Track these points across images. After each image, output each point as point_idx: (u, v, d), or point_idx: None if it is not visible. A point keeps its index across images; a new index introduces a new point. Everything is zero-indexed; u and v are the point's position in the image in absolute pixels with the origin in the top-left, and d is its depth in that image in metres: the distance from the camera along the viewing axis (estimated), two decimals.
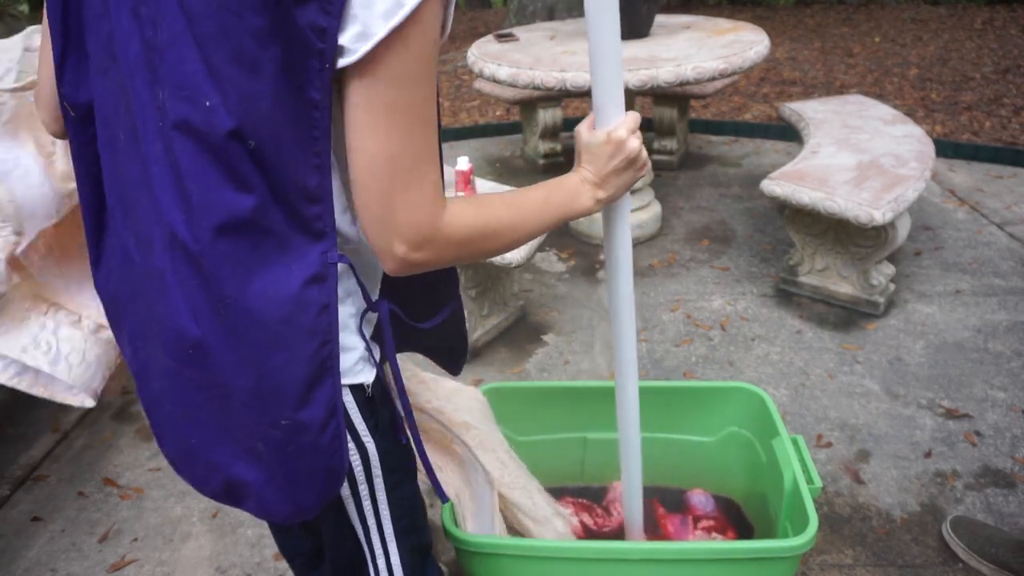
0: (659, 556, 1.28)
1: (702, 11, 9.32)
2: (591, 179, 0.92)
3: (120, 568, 1.84)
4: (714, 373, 2.42)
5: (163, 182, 0.73)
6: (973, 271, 2.92)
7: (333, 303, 0.77)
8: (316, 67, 0.66)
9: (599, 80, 0.92)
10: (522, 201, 0.85)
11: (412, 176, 0.71)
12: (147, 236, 0.77)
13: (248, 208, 0.71)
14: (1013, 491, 1.88)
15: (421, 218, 0.72)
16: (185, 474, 0.89)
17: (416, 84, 0.69)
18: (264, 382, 0.76)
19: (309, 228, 0.74)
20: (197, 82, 0.68)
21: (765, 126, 4.63)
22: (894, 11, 8.59)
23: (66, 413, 2.43)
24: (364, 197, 0.71)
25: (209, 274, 0.73)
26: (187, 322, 0.76)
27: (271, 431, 0.78)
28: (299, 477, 0.81)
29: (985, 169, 3.91)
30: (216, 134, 0.69)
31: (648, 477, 1.75)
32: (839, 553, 1.74)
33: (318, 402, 0.78)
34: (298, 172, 0.71)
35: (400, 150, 0.69)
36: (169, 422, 0.86)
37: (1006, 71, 5.69)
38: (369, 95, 0.67)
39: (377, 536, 0.95)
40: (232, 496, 0.86)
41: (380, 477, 0.91)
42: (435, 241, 0.74)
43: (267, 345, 0.75)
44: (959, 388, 2.27)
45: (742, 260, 3.13)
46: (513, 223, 0.83)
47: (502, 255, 2.24)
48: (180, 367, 0.80)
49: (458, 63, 7.37)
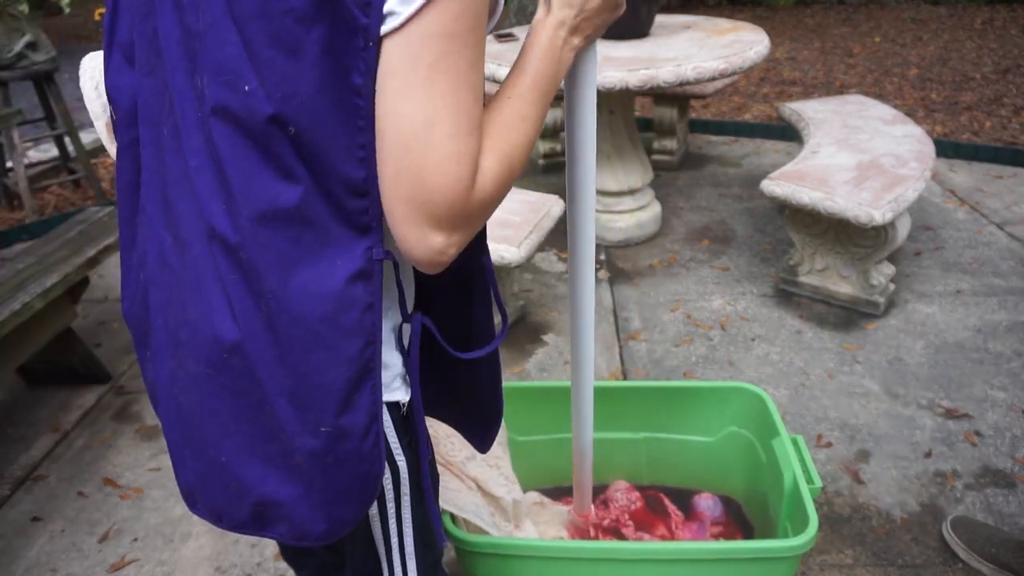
0: (659, 556, 1.28)
1: (702, 11, 9.32)
2: (568, 23, 0.79)
3: (120, 568, 1.84)
4: (714, 373, 2.41)
5: (203, 174, 0.70)
6: (973, 271, 2.92)
7: (378, 302, 0.73)
8: (360, 46, 0.63)
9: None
10: (518, 107, 0.75)
11: (450, 149, 0.65)
12: (185, 236, 0.74)
13: (292, 198, 0.68)
14: (1013, 491, 1.88)
15: (458, 195, 0.66)
16: (204, 505, 0.83)
17: (464, 45, 0.64)
18: (303, 385, 0.72)
19: (354, 222, 0.70)
20: (236, 66, 0.65)
21: (765, 126, 4.63)
22: (894, 11, 8.59)
23: (66, 413, 2.43)
24: (394, 180, 0.66)
25: (249, 267, 0.70)
26: (225, 322, 0.72)
27: (310, 440, 0.74)
28: (338, 489, 0.77)
29: (985, 169, 3.91)
30: (255, 120, 0.66)
31: (648, 477, 1.76)
32: (839, 553, 1.74)
33: (360, 407, 0.74)
34: (343, 163, 0.67)
35: (439, 116, 0.64)
36: (194, 439, 0.80)
37: (1006, 71, 5.69)
38: (410, 56, 0.63)
39: (398, 553, 0.92)
40: (260, 520, 0.80)
41: (408, 496, 0.89)
42: (471, 217, 0.69)
43: (308, 345, 0.71)
44: (959, 388, 2.27)
45: (742, 260, 3.13)
46: (524, 137, 0.75)
47: (502, 256, 2.25)
48: (214, 373, 0.75)
49: None
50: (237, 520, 0.81)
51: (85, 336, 2.78)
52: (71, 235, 2.54)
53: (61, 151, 4.38)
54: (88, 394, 2.52)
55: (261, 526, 0.81)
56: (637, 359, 2.49)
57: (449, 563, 1.75)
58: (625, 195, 3.25)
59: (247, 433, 0.76)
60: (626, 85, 2.53)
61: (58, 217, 4.01)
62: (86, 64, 1.04)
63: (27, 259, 2.37)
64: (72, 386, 2.56)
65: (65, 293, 2.35)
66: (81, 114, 6.48)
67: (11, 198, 4.26)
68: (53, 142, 4.55)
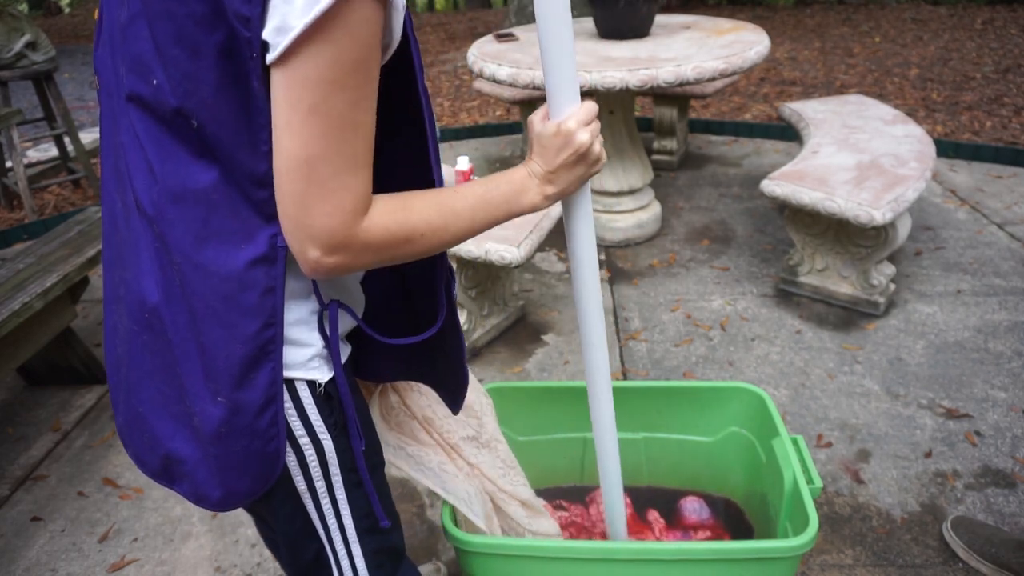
0: (659, 556, 1.28)
1: (702, 11, 9.32)
2: (539, 173, 0.88)
3: (120, 568, 1.84)
4: (714, 373, 2.41)
5: (130, 150, 0.76)
6: (973, 271, 2.92)
7: (280, 287, 0.76)
8: (249, 55, 0.66)
9: (550, 67, 0.87)
10: (454, 201, 0.81)
11: (329, 184, 0.69)
12: (128, 201, 0.80)
13: (204, 181, 0.72)
14: (1013, 491, 1.88)
15: (335, 225, 0.70)
16: (130, 447, 0.90)
17: (342, 88, 0.67)
18: (206, 356, 0.77)
19: (260, 210, 0.74)
20: (147, 60, 0.71)
21: (765, 126, 4.63)
22: (894, 11, 8.59)
23: (66, 413, 2.43)
24: (280, 196, 0.70)
25: (163, 240, 0.75)
26: (151, 285, 0.78)
27: (209, 407, 0.79)
28: (232, 461, 0.81)
29: (986, 169, 3.91)
30: (164, 110, 0.71)
31: (648, 477, 1.76)
32: (839, 553, 1.74)
33: (257, 385, 0.78)
34: (246, 157, 0.71)
35: (319, 155, 0.67)
36: (124, 387, 0.87)
37: (1007, 71, 5.69)
38: (291, 94, 0.66)
39: (338, 534, 0.95)
40: (168, 474, 0.86)
41: (339, 476, 0.91)
42: (350, 247, 0.72)
43: (209, 319, 0.76)
44: (959, 388, 2.27)
45: (742, 260, 3.12)
46: (443, 224, 0.80)
47: (502, 256, 2.25)
48: (139, 330, 0.81)
49: (458, 63, 7.37)
50: (152, 468, 0.88)
51: (85, 336, 2.78)
52: (71, 235, 2.54)
53: (61, 151, 4.38)
54: (88, 394, 2.52)
55: (170, 480, 0.87)
56: (637, 359, 2.49)
57: (449, 563, 1.75)
58: (625, 195, 3.26)
59: (161, 390, 0.82)
60: (626, 85, 2.53)
61: (58, 217, 4.01)
62: None
63: (27, 259, 2.37)
64: (72, 386, 2.56)
65: (65, 293, 2.35)
66: (81, 114, 6.49)
67: (11, 198, 4.26)
68: (53, 142, 4.55)
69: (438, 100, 6.11)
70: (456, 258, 2.37)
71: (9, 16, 3.82)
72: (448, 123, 5.38)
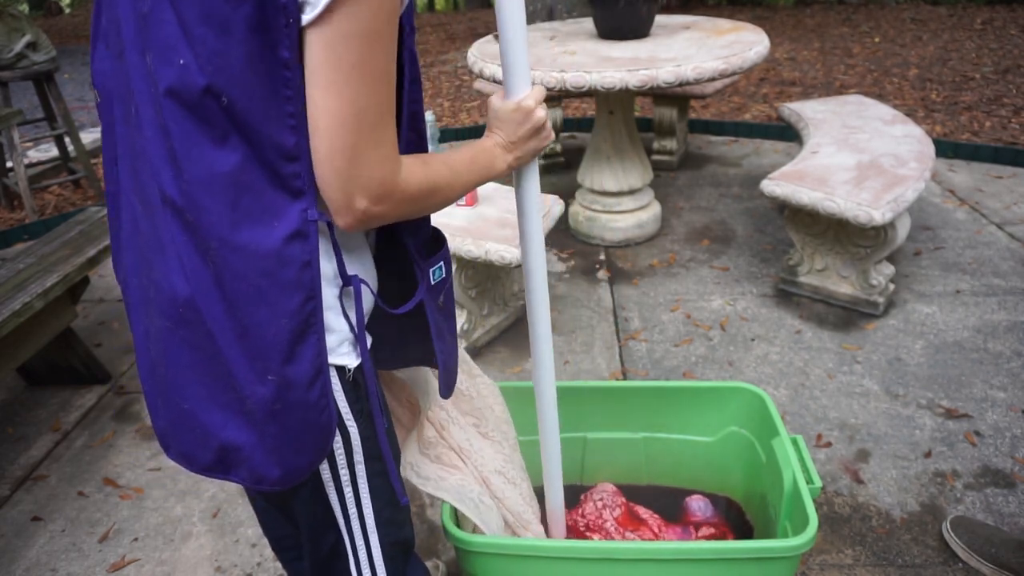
0: (659, 556, 1.28)
1: (702, 11, 9.32)
2: (503, 143, 0.99)
3: (120, 568, 1.84)
4: (714, 373, 2.42)
5: (155, 144, 0.76)
6: (973, 271, 2.92)
7: (315, 260, 0.79)
8: (283, 24, 0.68)
9: (508, 57, 0.99)
10: (456, 162, 0.91)
11: (377, 132, 0.74)
12: (149, 201, 0.80)
13: (229, 164, 0.74)
14: (1013, 491, 1.88)
15: (384, 173, 0.76)
16: (174, 448, 0.90)
17: (379, 39, 0.71)
18: (250, 337, 0.78)
19: (288, 186, 0.76)
20: (173, 43, 0.71)
21: (765, 126, 4.63)
22: (894, 11, 8.59)
23: (66, 413, 2.44)
24: (326, 154, 0.73)
25: (195, 228, 0.76)
26: (179, 280, 0.79)
27: (259, 388, 0.80)
28: (290, 435, 0.83)
29: (985, 169, 3.91)
30: (191, 92, 0.72)
31: (648, 477, 1.76)
32: (839, 553, 1.74)
33: (304, 358, 0.80)
34: (274, 130, 0.73)
35: (366, 106, 0.72)
36: (163, 388, 0.87)
37: (1006, 71, 5.69)
38: (332, 53, 0.70)
39: (358, 524, 0.96)
40: (224, 464, 0.87)
41: (362, 464, 0.92)
42: (394, 195, 0.78)
43: (250, 300, 0.77)
44: (959, 388, 2.27)
45: (742, 260, 3.13)
46: (450, 181, 0.88)
47: (502, 256, 2.26)
48: (174, 327, 0.81)
49: (458, 63, 7.37)
50: (204, 463, 0.88)
51: (85, 336, 2.79)
52: (71, 235, 2.54)
53: (61, 151, 4.38)
54: (88, 394, 2.52)
55: (225, 470, 0.87)
56: (637, 359, 2.49)
57: (449, 563, 1.75)
58: (625, 195, 3.26)
59: (206, 383, 0.83)
60: (626, 85, 2.53)
61: (58, 217, 4.01)
62: None
63: (27, 259, 2.37)
64: (72, 386, 2.56)
65: (65, 293, 2.35)
66: (81, 114, 6.48)
67: (11, 198, 4.26)
68: (53, 142, 4.55)
69: (438, 100, 6.11)
70: (456, 258, 2.38)
71: (9, 16, 3.82)
72: (448, 123, 5.38)
